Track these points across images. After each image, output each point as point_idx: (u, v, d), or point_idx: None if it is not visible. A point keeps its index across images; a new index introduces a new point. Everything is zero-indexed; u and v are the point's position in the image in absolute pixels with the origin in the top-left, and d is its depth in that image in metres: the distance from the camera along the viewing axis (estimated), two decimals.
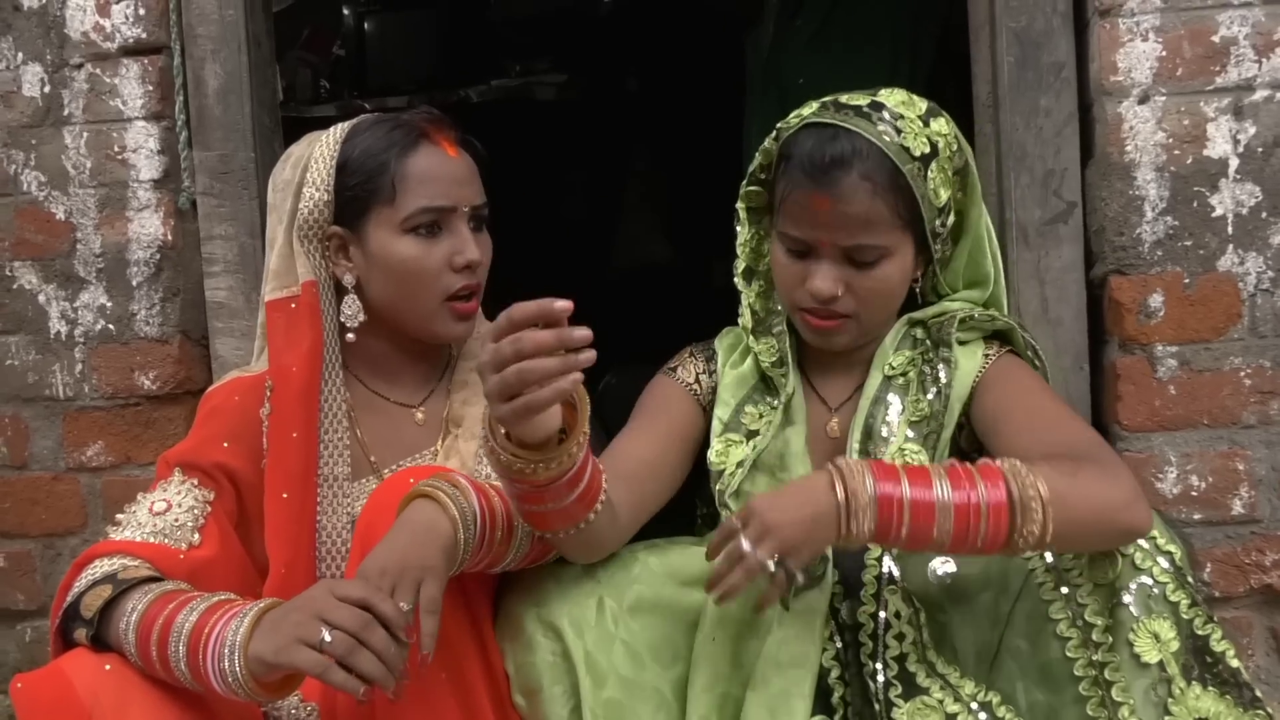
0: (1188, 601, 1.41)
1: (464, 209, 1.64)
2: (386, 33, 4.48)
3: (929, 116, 1.59)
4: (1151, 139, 1.84)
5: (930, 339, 1.64)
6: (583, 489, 1.37)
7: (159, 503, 1.57)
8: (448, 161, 1.64)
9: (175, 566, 1.50)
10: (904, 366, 1.63)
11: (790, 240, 1.57)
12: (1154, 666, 1.39)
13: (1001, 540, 1.35)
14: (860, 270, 1.55)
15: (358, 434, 1.69)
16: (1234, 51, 1.83)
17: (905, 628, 1.47)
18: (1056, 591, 1.43)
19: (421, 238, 1.63)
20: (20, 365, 2.22)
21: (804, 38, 2.90)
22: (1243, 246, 1.84)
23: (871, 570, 1.49)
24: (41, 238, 2.19)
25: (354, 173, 1.63)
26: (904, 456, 1.56)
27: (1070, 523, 1.35)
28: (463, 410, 1.69)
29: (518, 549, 1.46)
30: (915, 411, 1.59)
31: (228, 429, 1.63)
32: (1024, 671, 1.45)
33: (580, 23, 4.41)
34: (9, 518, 2.24)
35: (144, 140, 2.16)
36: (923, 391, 1.60)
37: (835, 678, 1.47)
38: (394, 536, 1.36)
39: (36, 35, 2.17)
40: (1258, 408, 1.85)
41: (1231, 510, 1.86)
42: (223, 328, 2.15)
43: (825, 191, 1.51)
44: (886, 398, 1.61)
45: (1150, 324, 1.85)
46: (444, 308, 1.65)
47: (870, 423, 1.60)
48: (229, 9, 2.12)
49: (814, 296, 1.56)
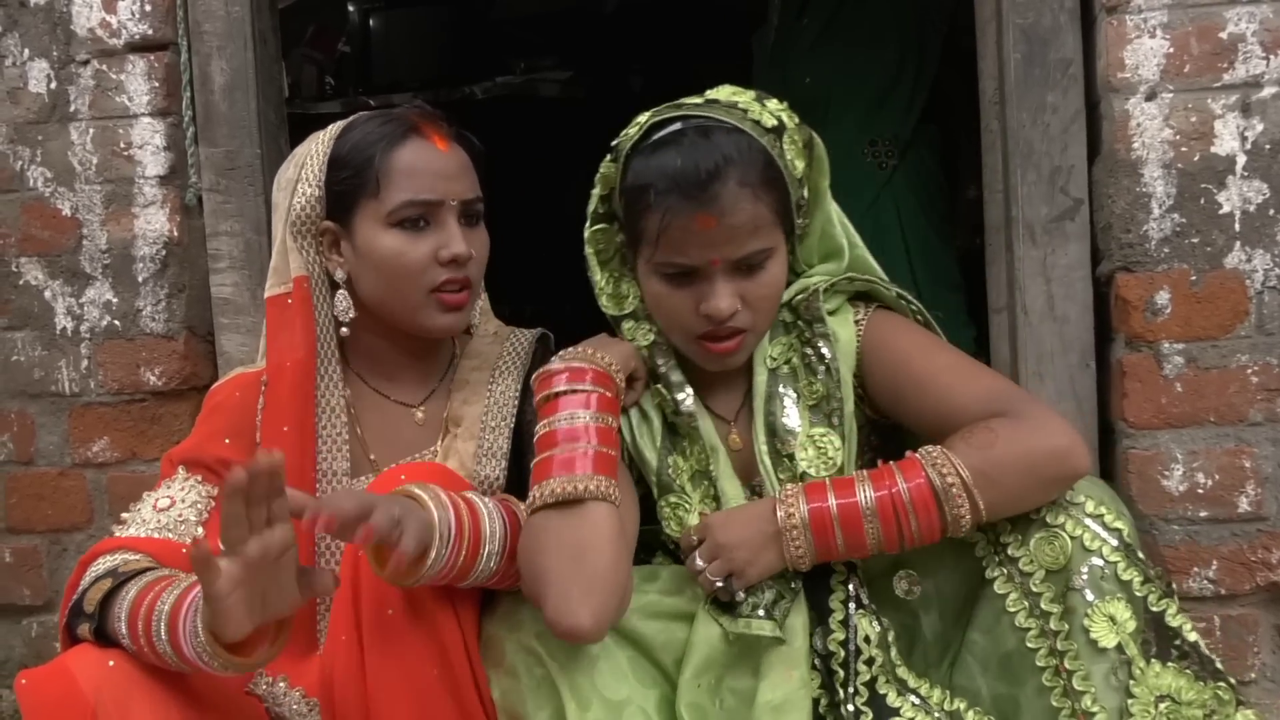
0: (1140, 579, 1.40)
1: (452, 203, 1.62)
2: (391, 30, 4.49)
3: (762, 99, 1.52)
4: (1159, 136, 1.84)
5: (800, 319, 1.58)
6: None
7: (163, 499, 1.58)
8: (436, 155, 1.63)
9: (179, 561, 1.50)
10: (784, 354, 1.57)
11: (673, 268, 1.47)
12: (1112, 650, 1.38)
13: (937, 528, 1.40)
14: (751, 278, 1.47)
15: (358, 431, 1.69)
16: (1242, 48, 1.83)
17: (875, 651, 1.45)
18: (1011, 582, 1.42)
19: (407, 231, 1.61)
20: (26, 361, 2.22)
21: (810, 36, 2.90)
22: (1250, 244, 1.84)
23: (838, 595, 1.47)
24: (48, 234, 2.20)
25: (343, 167, 1.63)
26: (814, 443, 1.52)
27: (1000, 492, 1.38)
28: (462, 410, 1.69)
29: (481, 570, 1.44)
30: (811, 395, 1.54)
31: (229, 425, 1.64)
32: (985, 666, 1.45)
33: (585, 20, 4.41)
34: (15, 513, 2.25)
35: (150, 136, 2.16)
36: (811, 374, 1.55)
37: (826, 705, 1.45)
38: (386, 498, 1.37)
39: (43, 31, 2.17)
40: (1264, 405, 1.85)
41: (1238, 508, 1.86)
42: (228, 324, 2.15)
43: (708, 210, 1.41)
44: (778, 391, 1.55)
45: (1157, 321, 1.85)
46: (430, 299, 1.63)
47: (770, 420, 1.54)
48: (235, 6, 2.12)
49: (713, 318, 1.47)
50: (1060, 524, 1.42)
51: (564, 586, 1.36)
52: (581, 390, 1.48)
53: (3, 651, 2.29)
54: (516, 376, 1.70)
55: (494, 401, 1.68)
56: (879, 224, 2.72)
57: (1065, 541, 1.41)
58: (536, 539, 1.41)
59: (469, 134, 1.71)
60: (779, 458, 1.53)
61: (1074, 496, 1.43)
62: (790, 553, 1.42)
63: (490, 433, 1.66)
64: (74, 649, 1.41)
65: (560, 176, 4.34)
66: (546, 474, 1.44)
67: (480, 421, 1.67)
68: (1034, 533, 1.43)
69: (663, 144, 1.46)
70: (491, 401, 1.68)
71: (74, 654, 1.39)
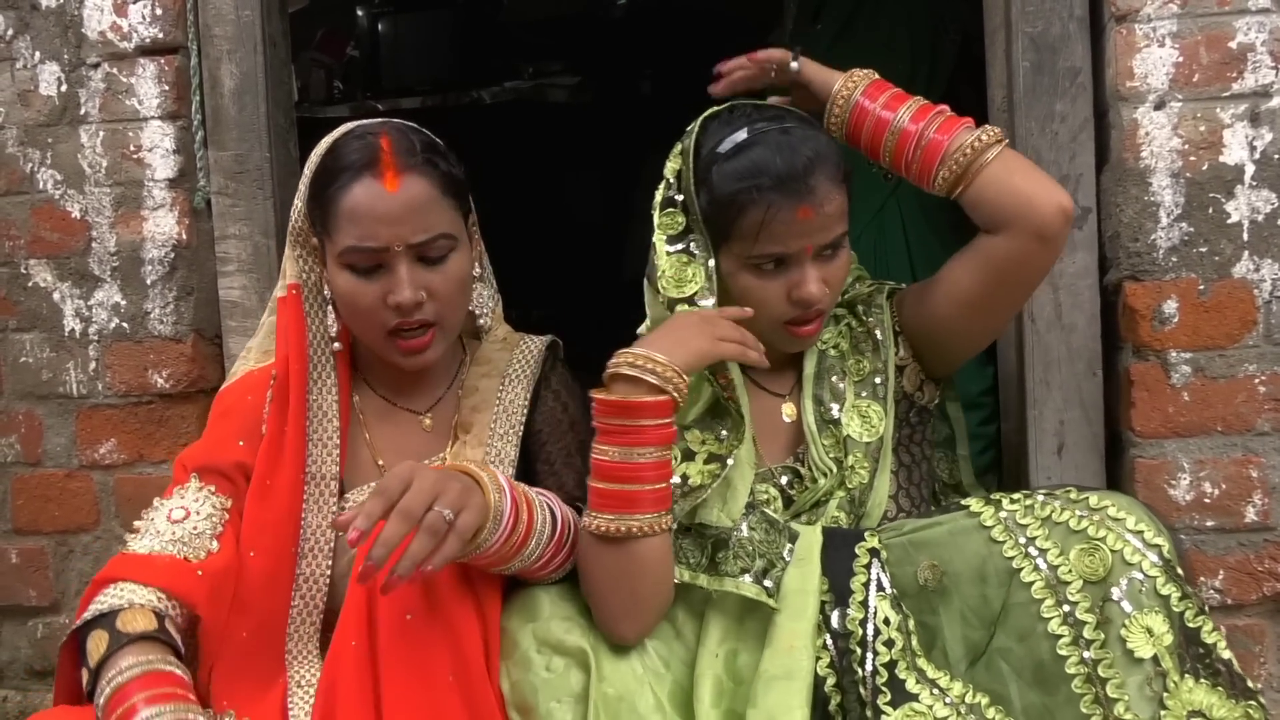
0: (1179, 594, 1.42)
1: (398, 248, 1.54)
2: (400, 34, 4.49)
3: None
4: (1167, 145, 1.84)
5: (850, 312, 1.72)
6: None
7: (177, 510, 1.57)
8: (381, 198, 1.53)
9: (194, 586, 1.51)
10: (833, 340, 1.70)
11: (769, 260, 1.56)
12: (1148, 661, 1.39)
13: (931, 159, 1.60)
14: (831, 262, 1.60)
15: (367, 438, 1.69)
16: (1251, 58, 1.83)
17: (894, 634, 1.47)
18: (1047, 589, 1.43)
19: (357, 274, 1.56)
20: (35, 362, 2.23)
21: (824, 43, 2.89)
22: (1258, 253, 1.84)
23: (859, 578, 1.51)
24: (57, 236, 2.20)
25: (314, 195, 1.61)
26: (859, 412, 1.65)
27: (1008, 160, 1.59)
28: (472, 417, 1.69)
29: (528, 557, 1.47)
30: (858, 373, 1.68)
31: (241, 427, 1.64)
32: (1018, 672, 1.45)
33: (593, 25, 4.41)
34: (22, 514, 2.25)
35: (160, 139, 2.16)
36: (859, 354, 1.69)
37: (831, 685, 1.48)
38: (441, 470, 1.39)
39: (54, 34, 2.18)
40: (1272, 415, 1.84)
41: (1244, 517, 1.85)
42: (236, 326, 2.16)
43: (807, 201, 1.53)
44: (825, 369, 1.68)
45: (1164, 330, 1.85)
46: (389, 340, 1.60)
47: (818, 393, 1.67)
48: (245, 10, 2.12)
49: (806, 303, 1.57)
50: (1101, 537, 1.44)
51: (611, 609, 1.50)
52: (647, 425, 1.47)
53: (9, 652, 2.29)
54: (526, 385, 1.70)
55: (503, 409, 1.68)
56: (884, 232, 2.71)
57: (1106, 554, 1.42)
58: (589, 562, 1.51)
59: (446, 158, 1.61)
60: (824, 424, 1.65)
61: (1116, 512, 1.46)
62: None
63: (499, 440, 1.66)
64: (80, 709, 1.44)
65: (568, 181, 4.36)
66: (601, 505, 1.49)
67: (489, 429, 1.67)
68: (1074, 544, 1.45)
69: (748, 145, 1.57)
70: (500, 409, 1.68)
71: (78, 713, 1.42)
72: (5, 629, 2.29)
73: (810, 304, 1.58)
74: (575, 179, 4.33)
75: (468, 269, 1.63)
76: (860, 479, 1.61)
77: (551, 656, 1.47)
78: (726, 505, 1.57)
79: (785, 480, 1.65)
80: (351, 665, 1.42)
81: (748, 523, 1.55)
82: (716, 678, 1.50)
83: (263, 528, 1.59)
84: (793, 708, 1.43)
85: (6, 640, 2.29)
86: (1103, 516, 1.45)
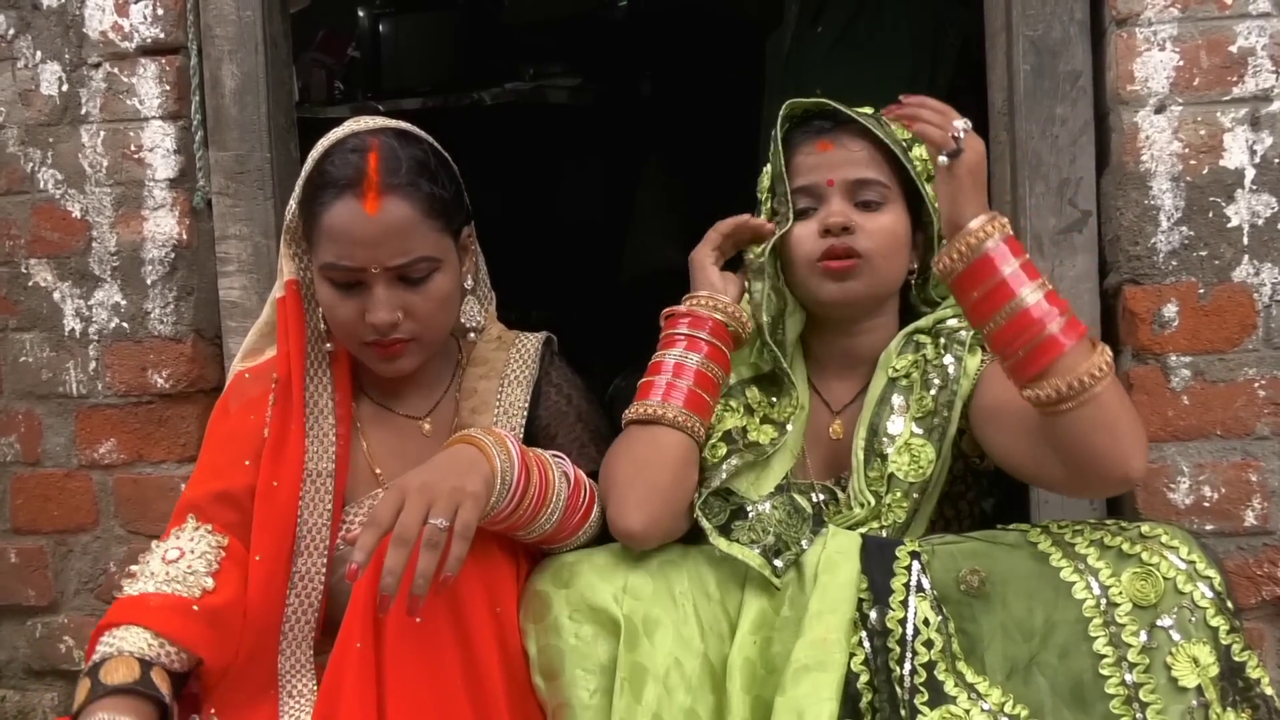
0: (1226, 627, 1.42)
1: (374, 270, 1.54)
2: (401, 35, 4.49)
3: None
4: (1168, 149, 1.84)
5: (933, 342, 1.68)
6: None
7: (171, 551, 1.56)
8: (361, 220, 1.53)
9: (189, 624, 1.49)
10: (907, 368, 1.67)
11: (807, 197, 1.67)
12: (1192, 691, 1.39)
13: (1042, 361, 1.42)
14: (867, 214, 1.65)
15: (364, 446, 1.69)
16: (1251, 62, 1.83)
17: (933, 635, 1.47)
18: (1096, 609, 1.43)
19: (336, 289, 1.58)
20: (34, 362, 2.23)
21: (825, 45, 2.90)
22: (1258, 257, 1.84)
23: (900, 578, 1.50)
24: (57, 236, 2.20)
25: (302, 202, 1.62)
26: (909, 450, 1.62)
27: (1108, 411, 1.41)
28: (472, 419, 1.69)
29: (546, 521, 1.49)
30: (920, 409, 1.64)
31: (248, 447, 1.63)
32: (1054, 688, 1.45)
33: (594, 26, 4.41)
34: (21, 514, 2.25)
35: (160, 139, 2.17)
36: (926, 389, 1.65)
37: (864, 683, 1.47)
38: (436, 461, 1.42)
39: (55, 34, 2.18)
40: (1271, 419, 1.84)
41: (1244, 521, 1.85)
42: (236, 327, 2.15)
43: (829, 137, 1.67)
44: (891, 398, 1.66)
45: (1164, 334, 1.85)
46: (366, 349, 1.61)
47: (876, 421, 1.65)
48: (246, 10, 2.13)
49: (831, 230, 1.63)
50: (1155, 564, 1.44)
51: (624, 491, 1.55)
52: (699, 338, 1.63)
53: (7, 652, 2.29)
54: (525, 385, 1.70)
55: (503, 411, 1.68)
56: None
57: (1159, 580, 1.43)
58: (616, 448, 1.61)
59: (435, 177, 1.59)
60: (872, 455, 1.64)
61: (1169, 540, 1.46)
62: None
63: None
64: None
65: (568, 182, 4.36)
66: (644, 395, 1.61)
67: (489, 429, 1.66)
68: (1128, 567, 1.45)
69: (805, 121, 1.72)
70: (501, 411, 1.68)
71: None
72: (4, 629, 2.29)
73: (836, 229, 1.62)
74: (575, 180, 4.32)
75: (450, 287, 1.62)
76: (896, 518, 1.61)
77: (583, 624, 1.49)
78: (758, 481, 1.62)
79: (821, 499, 1.67)
80: (355, 668, 1.41)
81: (772, 501, 1.58)
82: (749, 662, 1.50)
83: (265, 528, 1.59)
84: (822, 699, 1.43)
85: (5, 640, 2.29)
86: (1155, 544, 1.46)
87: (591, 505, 1.55)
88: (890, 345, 1.70)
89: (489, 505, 1.40)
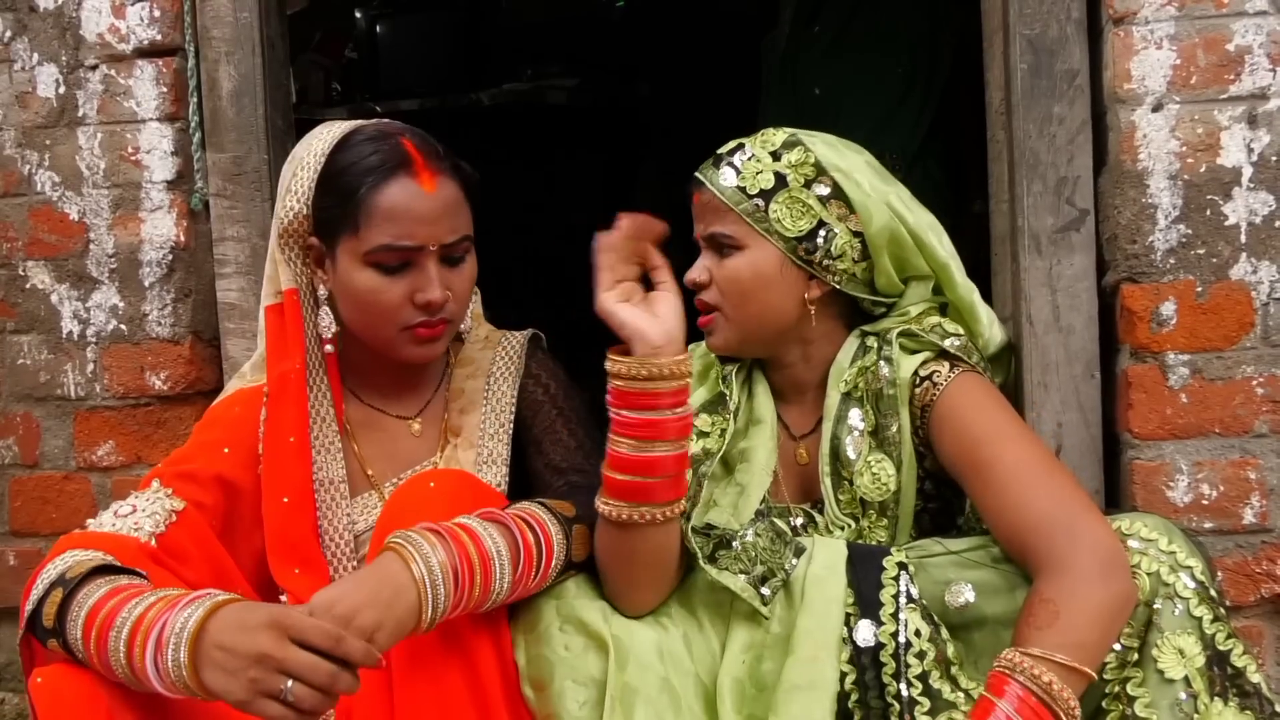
0: (1210, 616, 1.42)
1: (431, 248, 1.57)
2: (398, 36, 4.49)
3: (782, 150, 1.65)
4: (1165, 147, 1.84)
5: (878, 345, 1.66)
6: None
7: (124, 507, 1.55)
8: (420, 198, 1.56)
9: (136, 553, 1.46)
10: (855, 379, 1.66)
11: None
12: (1179, 682, 1.39)
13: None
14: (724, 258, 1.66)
15: (355, 449, 1.69)
16: (1248, 60, 1.83)
17: (926, 645, 1.46)
18: None
19: (383, 272, 1.57)
20: (32, 364, 2.23)
21: (821, 45, 2.90)
22: (1256, 255, 1.84)
23: (889, 589, 1.49)
24: (55, 238, 2.20)
25: (329, 192, 1.60)
26: (870, 469, 1.61)
27: (1090, 649, 1.37)
28: (461, 419, 1.69)
29: (496, 596, 1.43)
30: (869, 423, 1.63)
31: (228, 435, 1.63)
32: None
33: (592, 27, 4.42)
34: (20, 516, 2.25)
35: (158, 141, 2.16)
36: (875, 401, 1.63)
37: (854, 701, 1.47)
38: (362, 579, 1.34)
39: (52, 36, 2.18)
40: (1269, 417, 1.84)
41: (1242, 519, 1.85)
42: (234, 328, 2.16)
43: (695, 187, 1.69)
44: (847, 415, 1.64)
45: (1162, 332, 1.85)
46: (404, 334, 1.60)
47: (836, 445, 1.64)
48: (243, 11, 2.13)
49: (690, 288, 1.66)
50: (1136, 563, 1.44)
51: (615, 586, 1.53)
52: (660, 417, 1.43)
53: (6, 655, 2.29)
54: (512, 382, 1.71)
55: (491, 409, 1.68)
56: None
57: (1143, 578, 1.42)
58: (602, 542, 1.52)
59: (462, 164, 1.64)
60: (839, 480, 1.63)
61: (1149, 534, 1.45)
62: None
63: (490, 440, 1.66)
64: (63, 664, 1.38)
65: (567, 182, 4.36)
66: (615, 494, 1.46)
67: (479, 429, 1.67)
68: None
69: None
70: (489, 409, 1.68)
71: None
72: (3, 631, 2.29)
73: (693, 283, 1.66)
74: (574, 180, 4.33)
75: (476, 271, 1.66)
76: (879, 538, 1.62)
77: (572, 635, 1.48)
78: (737, 510, 1.59)
79: (800, 522, 1.66)
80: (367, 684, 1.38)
81: (754, 529, 1.56)
82: (739, 682, 1.49)
83: (294, 547, 1.58)
84: (814, 718, 1.43)
85: (4, 642, 2.29)
86: (1136, 540, 1.45)
87: (550, 557, 1.48)
88: (840, 355, 1.68)
89: (415, 628, 1.35)
